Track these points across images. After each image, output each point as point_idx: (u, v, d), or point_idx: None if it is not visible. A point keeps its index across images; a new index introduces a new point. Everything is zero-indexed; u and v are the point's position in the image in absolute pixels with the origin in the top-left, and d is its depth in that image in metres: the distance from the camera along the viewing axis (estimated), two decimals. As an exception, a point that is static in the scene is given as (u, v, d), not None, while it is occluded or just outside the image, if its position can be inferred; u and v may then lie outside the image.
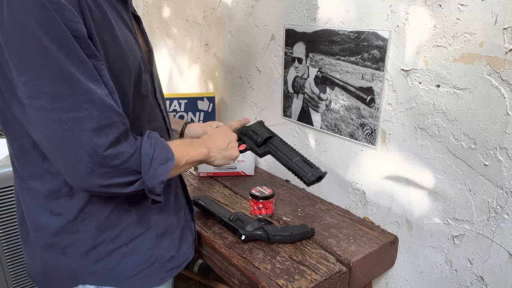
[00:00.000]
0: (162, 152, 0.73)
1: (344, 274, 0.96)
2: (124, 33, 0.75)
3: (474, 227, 0.94)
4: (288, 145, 1.00)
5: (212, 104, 1.69)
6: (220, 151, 0.91)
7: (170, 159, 0.74)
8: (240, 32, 1.54)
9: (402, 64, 1.00)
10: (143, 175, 0.71)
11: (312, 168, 0.95)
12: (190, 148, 0.83)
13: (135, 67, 0.75)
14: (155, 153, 0.72)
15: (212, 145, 0.90)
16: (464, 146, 0.92)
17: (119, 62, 0.71)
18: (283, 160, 0.98)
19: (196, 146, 0.85)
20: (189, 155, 0.81)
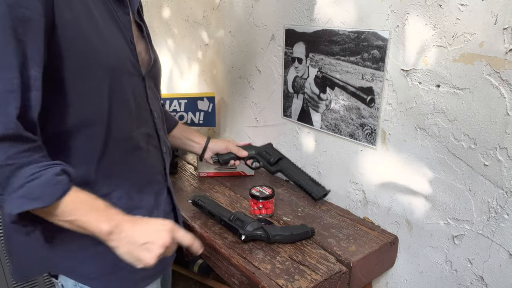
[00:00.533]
0: (41, 188, 0.62)
1: (344, 274, 0.96)
2: (111, 31, 0.75)
3: (474, 227, 0.94)
4: (296, 165, 1.17)
5: (212, 104, 1.69)
6: (128, 244, 0.69)
7: (39, 200, 0.62)
8: (240, 32, 1.54)
9: (402, 64, 1.00)
10: (6, 195, 0.62)
11: (319, 187, 1.11)
12: (91, 213, 0.68)
13: (113, 66, 0.74)
14: (30, 183, 0.62)
15: (124, 230, 0.69)
16: (464, 146, 0.92)
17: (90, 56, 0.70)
18: (293, 178, 1.14)
19: (103, 215, 0.69)
20: (81, 218, 0.67)
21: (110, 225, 0.68)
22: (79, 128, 0.73)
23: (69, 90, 0.70)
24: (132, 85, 0.80)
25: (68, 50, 0.67)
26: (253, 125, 1.60)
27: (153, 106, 0.89)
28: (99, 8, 0.73)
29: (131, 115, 0.81)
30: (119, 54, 0.76)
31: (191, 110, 1.70)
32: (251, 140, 1.63)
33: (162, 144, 0.92)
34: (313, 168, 1.35)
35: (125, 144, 0.81)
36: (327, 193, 1.10)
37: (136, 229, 0.70)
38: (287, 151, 1.44)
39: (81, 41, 0.68)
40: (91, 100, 0.73)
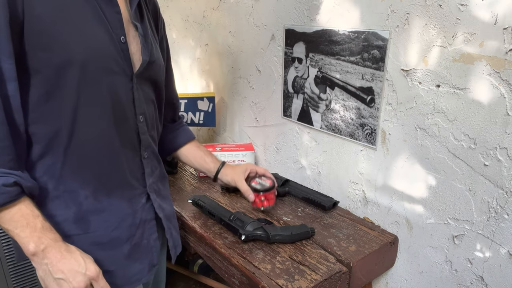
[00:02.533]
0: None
1: (344, 274, 0.96)
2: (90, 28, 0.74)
3: (474, 227, 0.94)
4: (301, 185, 1.31)
5: (212, 104, 1.69)
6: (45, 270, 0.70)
7: None
8: (240, 32, 1.54)
9: (402, 64, 1.00)
10: None
11: (327, 198, 1.23)
12: (26, 229, 0.69)
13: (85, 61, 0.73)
14: None
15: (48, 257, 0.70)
16: (464, 146, 0.92)
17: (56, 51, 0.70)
18: (302, 194, 1.25)
19: (36, 235, 0.69)
20: (15, 230, 0.69)
21: (37, 248, 0.69)
22: (45, 118, 0.74)
23: (35, 83, 0.72)
24: (112, 83, 0.79)
25: (34, 43, 0.69)
26: (253, 125, 1.60)
27: (139, 109, 0.85)
28: (79, 5, 0.73)
29: (104, 114, 0.79)
30: (96, 50, 0.75)
31: (191, 110, 1.70)
32: (251, 140, 1.63)
33: (144, 149, 0.88)
34: (313, 168, 1.35)
35: (94, 142, 0.79)
36: (336, 203, 1.22)
37: (59, 262, 0.70)
38: (287, 151, 1.45)
39: (47, 35, 0.69)
40: (57, 93, 0.73)
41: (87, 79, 0.75)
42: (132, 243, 0.87)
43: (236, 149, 1.46)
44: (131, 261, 0.87)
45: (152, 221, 0.92)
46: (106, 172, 0.82)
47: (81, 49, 0.73)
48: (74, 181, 0.79)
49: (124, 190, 0.86)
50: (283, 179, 1.31)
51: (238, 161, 1.45)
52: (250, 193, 1.11)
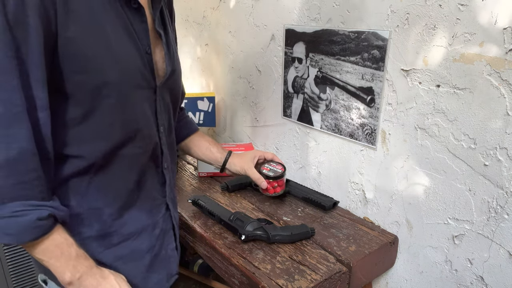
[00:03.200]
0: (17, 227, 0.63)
1: (344, 274, 0.96)
2: (123, 44, 0.71)
3: (474, 227, 0.94)
4: (301, 185, 1.30)
5: (212, 104, 1.69)
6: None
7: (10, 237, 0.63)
8: (240, 32, 1.54)
9: (402, 64, 1.00)
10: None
11: (327, 198, 1.24)
12: (60, 259, 0.68)
13: (119, 82, 0.70)
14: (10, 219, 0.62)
15: (86, 284, 0.70)
16: (464, 146, 0.92)
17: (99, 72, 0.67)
18: (302, 194, 1.24)
19: (71, 264, 0.69)
20: (49, 261, 0.68)
21: (73, 277, 0.69)
22: (77, 141, 0.71)
23: (67, 107, 0.68)
24: (139, 99, 0.76)
25: (68, 67, 0.65)
26: (253, 125, 1.60)
27: (160, 120, 0.83)
28: (111, 21, 0.69)
29: (132, 130, 0.76)
30: (128, 69, 0.72)
31: (191, 110, 1.70)
32: (251, 140, 1.63)
33: (165, 159, 0.86)
34: (313, 168, 1.35)
35: (123, 159, 0.77)
36: (336, 203, 1.23)
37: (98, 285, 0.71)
38: (287, 151, 1.45)
39: (82, 58, 0.65)
40: (90, 116, 0.70)
41: (119, 98, 0.71)
42: (152, 254, 0.86)
43: (236, 149, 1.46)
44: (151, 272, 0.86)
45: (170, 231, 0.92)
46: (132, 188, 0.80)
47: (116, 70, 0.69)
48: (99, 199, 0.76)
49: (146, 203, 0.84)
50: None
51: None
52: (262, 181, 1.06)
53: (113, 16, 0.69)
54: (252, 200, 1.28)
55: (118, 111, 0.72)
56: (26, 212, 0.63)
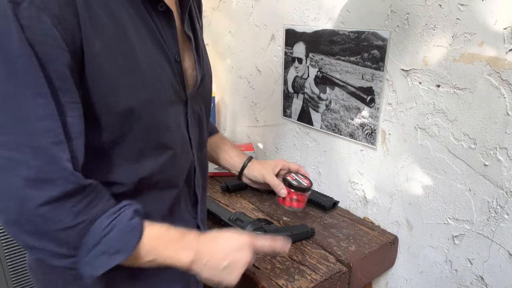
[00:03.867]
0: (118, 239, 0.57)
1: (344, 274, 0.96)
2: (151, 57, 0.62)
3: (474, 227, 0.94)
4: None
5: (212, 104, 1.69)
6: (210, 269, 0.66)
7: (120, 252, 0.57)
8: (240, 32, 1.54)
9: (402, 64, 1.00)
10: (80, 255, 0.57)
11: (327, 198, 1.24)
12: (168, 247, 0.63)
13: (152, 98, 0.62)
14: (106, 237, 0.56)
15: (205, 256, 0.65)
16: (464, 146, 0.92)
17: (129, 93, 0.59)
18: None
19: (180, 246, 0.64)
20: (160, 255, 0.62)
21: (190, 255, 0.64)
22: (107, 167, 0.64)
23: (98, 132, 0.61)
24: (172, 116, 0.67)
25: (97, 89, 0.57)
26: (253, 125, 1.60)
27: (192, 134, 0.74)
28: (137, 30, 0.60)
29: (167, 152, 0.68)
30: (160, 83, 0.63)
31: (191, 110, 1.70)
32: (251, 140, 1.63)
33: (197, 178, 0.78)
34: (313, 168, 1.35)
35: (159, 184, 0.70)
36: (336, 203, 1.23)
37: (216, 253, 0.66)
38: (287, 151, 1.45)
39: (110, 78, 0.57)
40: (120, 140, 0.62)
41: (152, 119, 0.64)
42: (183, 283, 0.80)
43: (236, 149, 1.46)
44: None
45: None
46: (165, 213, 0.73)
47: (147, 88, 0.62)
48: None
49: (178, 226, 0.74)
50: None
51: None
52: (282, 187, 0.92)
53: (139, 24, 0.60)
54: (252, 200, 1.28)
55: (151, 133, 0.64)
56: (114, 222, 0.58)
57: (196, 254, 0.64)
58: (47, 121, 0.53)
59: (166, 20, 0.64)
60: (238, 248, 0.68)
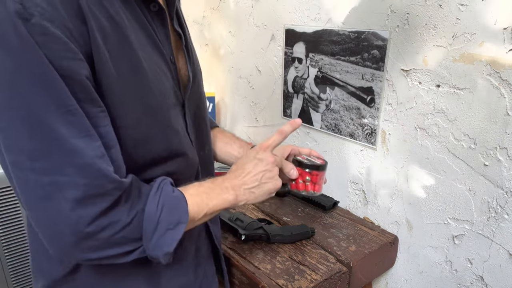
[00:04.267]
0: (172, 212, 0.59)
1: (344, 274, 0.96)
2: (152, 60, 0.61)
3: (474, 227, 0.94)
4: None
5: (212, 104, 1.69)
6: (251, 191, 0.70)
7: (181, 222, 0.59)
8: (240, 32, 1.54)
9: (402, 64, 1.00)
10: (144, 243, 0.57)
11: (327, 198, 1.24)
12: (211, 196, 0.65)
13: (159, 103, 0.62)
14: (162, 215, 0.57)
15: (241, 186, 0.69)
16: (464, 146, 0.92)
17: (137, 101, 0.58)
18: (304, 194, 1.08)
19: (219, 191, 0.67)
20: (209, 206, 0.65)
21: (231, 193, 0.68)
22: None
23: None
24: (175, 119, 0.66)
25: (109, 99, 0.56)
26: (253, 125, 1.60)
27: (192, 136, 0.73)
28: (137, 33, 0.59)
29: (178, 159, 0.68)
30: (163, 86, 0.62)
31: (191, 110, 1.70)
32: (251, 140, 1.63)
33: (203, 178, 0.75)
34: (313, 168, 1.35)
35: None
36: (336, 203, 1.23)
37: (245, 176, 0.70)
38: (287, 151, 1.44)
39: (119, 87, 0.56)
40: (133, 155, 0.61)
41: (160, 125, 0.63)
42: (198, 283, 0.79)
43: (236, 149, 1.45)
44: None
45: (210, 254, 0.85)
46: None
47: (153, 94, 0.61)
48: None
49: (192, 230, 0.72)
50: None
51: (238, 161, 1.45)
52: (291, 168, 0.79)
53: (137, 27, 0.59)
54: (252, 200, 1.28)
55: (162, 141, 0.64)
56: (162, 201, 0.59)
57: (234, 189, 0.68)
58: (84, 137, 0.51)
59: (159, 20, 0.64)
60: (258, 161, 0.71)
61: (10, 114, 0.48)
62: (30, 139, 0.49)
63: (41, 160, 0.50)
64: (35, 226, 0.54)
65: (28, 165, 0.49)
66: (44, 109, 0.49)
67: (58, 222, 0.51)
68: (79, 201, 0.51)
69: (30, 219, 0.54)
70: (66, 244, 0.52)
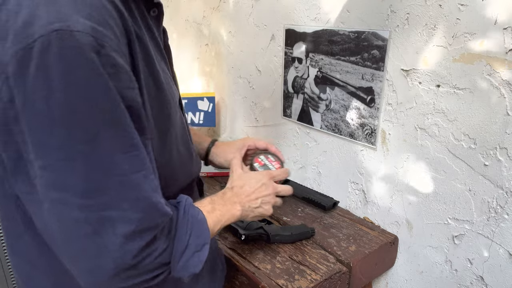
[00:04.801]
0: (199, 234, 0.60)
1: (344, 274, 0.96)
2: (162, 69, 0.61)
3: (474, 227, 0.94)
4: (301, 184, 1.32)
5: (212, 104, 1.69)
6: (253, 210, 0.78)
7: (206, 243, 0.61)
8: (240, 32, 1.54)
9: (402, 64, 1.00)
10: (172, 265, 0.57)
11: (327, 198, 1.24)
12: (223, 212, 0.70)
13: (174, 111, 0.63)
14: (191, 239, 0.59)
15: (246, 203, 0.76)
16: (464, 146, 0.92)
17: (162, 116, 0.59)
18: (302, 195, 1.24)
19: (229, 207, 0.72)
20: (221, 222, 0.69)
21: (238, 208, 0.75)
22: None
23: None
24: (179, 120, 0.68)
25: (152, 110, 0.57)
26: (253, 125, 1.60)
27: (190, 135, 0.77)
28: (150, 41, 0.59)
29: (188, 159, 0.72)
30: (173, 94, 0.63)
31: (191, 110, 1.70)
32: (251, 140, 1.63)
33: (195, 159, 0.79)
34: (313, 168, 1.35)
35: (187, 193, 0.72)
36: (336, 203, 1.23)
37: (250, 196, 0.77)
38: (287, 151, 1.45)
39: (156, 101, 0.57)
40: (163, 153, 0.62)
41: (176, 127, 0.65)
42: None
43: (236, 149, 1.45)
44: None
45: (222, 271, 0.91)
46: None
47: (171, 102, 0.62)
48: None
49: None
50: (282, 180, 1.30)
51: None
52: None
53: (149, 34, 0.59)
54: (252, 200, 1.28)
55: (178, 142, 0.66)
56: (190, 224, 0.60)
57: (241, 204, 0.76)
58: (143, 170, 0.50)
59: (158, 25, 0.64)
60: (262, 184, 0.80)
61: (67, 150, 0.45)
62: (87, 176, 0.47)
63: (96, 197, 0.48)
64: (69, 262, 0.52)
65: (79, 202, 0.47)
66: (111, 145, 0.47)
67: (102, 256, 0.49)
68: (128, 235, 0.50)
69: (62, 254, 0.52)
70: (105, 276, 0.50)
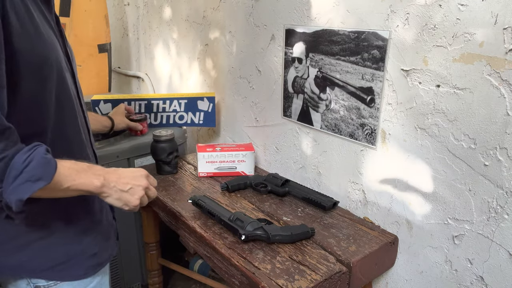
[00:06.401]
0: (38, 169, 0.67)
1: (344, 274, 0.96)
2: (47, 31, 0.77)
3: (474, 227, 0.94)
4: (301, 184, 1.32)
5: (212, 104, 1.69)
6: (117, 191, 0.81)
7: (41, 179, 0.67)
8: (240, 32, 1.54)
9: (402, 64, 1.00)
10: (4, 186, 0.65)
11: (327, 198, 1.23)
12: (80, 175, 0.75)
13: (58, 64, 0.77)
14: (27, 168, 0.66)
15: (111, 181, 0.80)
16: (464, 146, 0.92)
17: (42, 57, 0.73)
18: (302, 195, 1.26)
19: (90, 174, 0.77)
20: (75, 182, 0.73)
21: (100, 180, 0.77)
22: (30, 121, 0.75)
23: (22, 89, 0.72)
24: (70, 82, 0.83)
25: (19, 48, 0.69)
26: (253, 125, 1.60)
27: (83, 102, 0.92)
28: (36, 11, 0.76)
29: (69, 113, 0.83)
30: (57, 52, 0.78)
31: (191, 110, 1.70)
32: (251, 140, 1.63)
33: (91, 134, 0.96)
34: (313, 168, 1.35)
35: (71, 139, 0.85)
36: (336, 203, 1.23)
37: (120, 179, 0.81)
38: (287, 151, 1.45)
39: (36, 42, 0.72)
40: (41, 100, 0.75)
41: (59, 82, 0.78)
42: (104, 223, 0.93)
43: (236, 149, 1.46)
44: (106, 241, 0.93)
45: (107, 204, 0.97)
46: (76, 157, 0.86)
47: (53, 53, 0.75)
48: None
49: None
50: (283, 179, 1.31)
51: (237, 161, 1.45)
52: (137, 125, 1.59)
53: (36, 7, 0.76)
54: (252, 200, 1.28)
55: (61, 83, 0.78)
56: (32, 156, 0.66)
57: (105, 179, 0.78)
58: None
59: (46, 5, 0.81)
60: (137, 176, 0.85)
61: None
62: None
63: None
64: None
65: None
66: None
67: None
68: None
69: None
70: None
